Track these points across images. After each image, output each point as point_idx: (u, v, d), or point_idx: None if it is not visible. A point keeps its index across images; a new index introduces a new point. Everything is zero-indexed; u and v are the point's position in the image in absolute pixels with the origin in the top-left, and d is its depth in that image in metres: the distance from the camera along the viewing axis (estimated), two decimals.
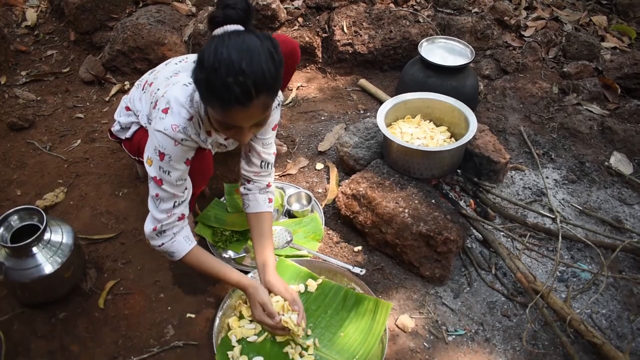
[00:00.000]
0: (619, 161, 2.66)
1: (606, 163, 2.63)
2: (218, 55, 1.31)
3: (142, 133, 1.96)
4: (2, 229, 1.78)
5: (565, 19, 3.67)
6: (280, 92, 1.77)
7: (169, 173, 1.59)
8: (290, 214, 2.24)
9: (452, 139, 2.27)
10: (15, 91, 2.95)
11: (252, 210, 1.90)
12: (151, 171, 1.61)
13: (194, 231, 2.14)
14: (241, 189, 1.96)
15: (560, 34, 3.49)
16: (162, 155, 1.56)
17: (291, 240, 2.05)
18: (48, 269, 1.77)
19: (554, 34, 3.46)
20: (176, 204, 1.66)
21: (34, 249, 1.77)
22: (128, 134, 2.00)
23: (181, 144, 1.57)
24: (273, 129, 1.88)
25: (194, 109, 1.59)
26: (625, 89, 3.12)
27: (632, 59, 3.12)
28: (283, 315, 1.68)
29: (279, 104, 1.85)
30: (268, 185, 1.95)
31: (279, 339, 1.74)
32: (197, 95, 1.58)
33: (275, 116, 1.86)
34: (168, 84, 1.68)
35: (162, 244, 1.67)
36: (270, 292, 1.74)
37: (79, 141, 2.64)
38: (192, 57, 1.85)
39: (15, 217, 1.82)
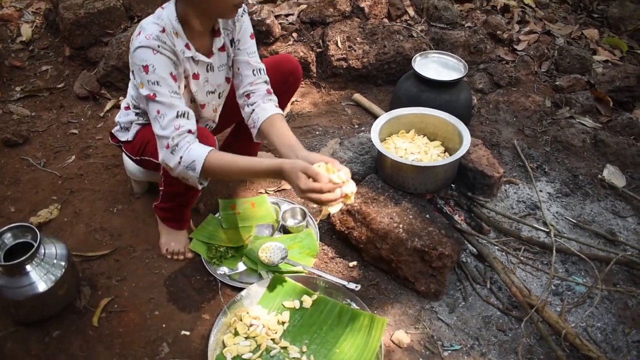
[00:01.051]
0: (612, 174, 2.67)
1: (599, 176, 2.64)
2: None
3: (143, 132, 1.97)
4: None
5: (557, 32, 3.71)
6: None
7: (158, 84, 1.63)
8: (285, 230, 2.24)
9: (446, 153, 2.28)
10: (9, 107, 2.95)
11: (263, 118, 1.88)
12: (144, 91, 1.65)
13: (188, 247, 2.14)
14: (245, 110, 1.95)
15: (552, 47, 3.53)
16: (145, 68, 1.62)
17: (286, 256, 2.05)
18: (42, 286, 1.76)
19: (547, 47, 3.49)
20: (179, 114, 1.65)
21: (28, 267, 1.76)
22: (129, 136, 2.01)
23: (159, 51, 1.62)
24: (251, 38, 1.95)
25: (164, 22, 1.67)
26: (618, 102, 3.15)
27: (624, 72, 3.15)
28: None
29: (245, 11, 1.91)
30: (268, 92, 1.96)
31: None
32: (165, 12, 1.69)
33: (247, 23, 1.93)
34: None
35: (180, 157, 1.63)
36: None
37: (73, 157, 2.64)
38: None
39: (9, 234, 1.81)
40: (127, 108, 2.03)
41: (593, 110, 3.08)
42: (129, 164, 2.17)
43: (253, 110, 1.92)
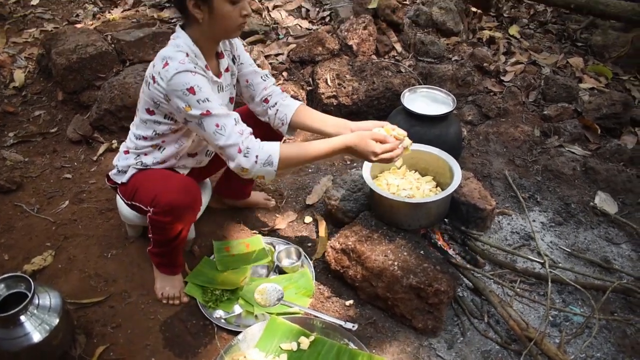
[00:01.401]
0: (603, 201, 2.70)
1: (591, 203, 2.66)
2: None
3: (137, 177, 1.99)
4: None
5: (543, 62, 3.78)
6: None
7: (208, 100, 1.70)
8: (280, 270, 2.23)
9: (438, 188, 2.30)
10: (2, 153, 2.95)
11: (291, 112, 2.02)
12: (196, 113, 1.70)
13: (184, 292, 2.13)
14: (269, 112, 2.06)
15: (539, 77, 3.59)
16: (191, 90, 1.68)
17: (282, 297, 2.04)
18: (37, 337, 1.74)
19: (533, 77, 3.56)
20: (236, 120, 1.75)
21: (22, 318, 1.74)
22: (124, 179, 2.02)
23: (196, 72, 1.70)
24: (245, 50, 2.09)
25: (184, 49, 1.74)
26: (605, 129, 3.19)
27: (609, 99, 3.21)
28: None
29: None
30: (282, 90, 2.10)
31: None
32: (180, 40, 1.76)
33: (237, 40, 2.04)
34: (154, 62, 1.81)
35: (256, 156, 1.72)
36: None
37: (67, 202, 2.64)
38: None
39: (2, 285, 1.80)
40: (127, 152, 2.04)
41: (582, 138, 3.12)
42: (123, 207, 2.18)
43: (277, 110, 2.05)
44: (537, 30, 4.30)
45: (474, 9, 4.13)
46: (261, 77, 2.06)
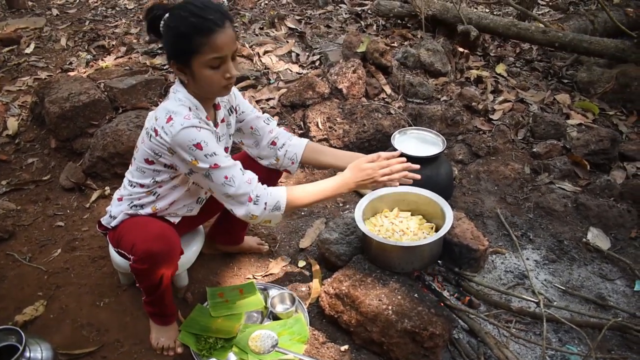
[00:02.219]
0: (596, 237, 2.71)
1: (584, 239, 2.68)
2: (181, 10, 1.67)
3: (125, 224, 1.99)
4: None
5: (531, 99, 3.85)
6: None
7: (215, 154, 1.73)
8: (274, 316, 2.21)
9: (432, 229, 2.31)
10: None
11: (300, 151, 2.12)
12: (204, 166, 1.73)
13: (177, 339, 2.10)
14: (278, 153, 2.13)
15: (527, 115, 3.65)
16: (198, 146, 1.71)
17: (276, 344, 2.02)
18: None
19: (521, 115, 3.61)
20: (242, 170, 1.81)
21: None
22: (114, 223, 2.02)
23: (201, 127, 1.73)
24: (244, 97, 2.15)
25: (185, 103, 1.78)
26: (594, 165, 3.23)
27: (597, 135, 3.25)
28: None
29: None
30: (286, 130, 2.17)
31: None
32: (179, 95, 1.79)
33: (235, 90, 2.09)
34: (155, 114, 1.84)
35: (265, 203, 1.80)
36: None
37: (59, 250, 2.63)
38: None
39: None
40: (120, 199, 2.04)
41: (571, 174, 3.15)
42: (114, 254, 2.17)
43: (286, 150, 2.12)
44: (524, 68, 4.39)
45: (460, 49, 4.21)
46: (264, 121, 2.13)
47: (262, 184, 1.86)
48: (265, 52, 3.85)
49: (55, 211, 2.94)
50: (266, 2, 5.39)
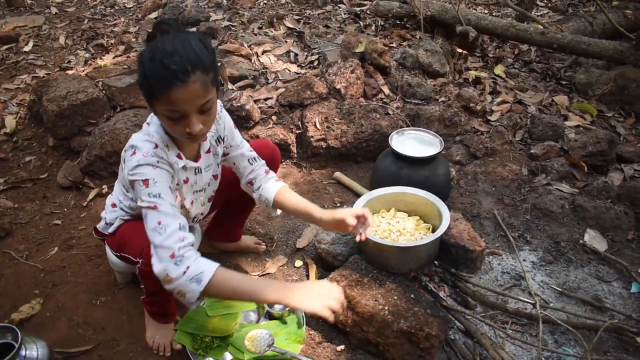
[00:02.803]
0: (593, 238, 2.71)
1: (581, 241, 2.68)
2: (153, 49, 1.50)
3: (124, 228, 1.98)
4: None
5: (529, 101, 3.85)
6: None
7: (159, 196, 1.63)
8: (270, 316, 2.22)
9: (429, 230, 2.31)
10: None
11: (270, 197, 2.05)
12: (144, 203, 1.63)
13: (173, 339, 2.10)
14: (255, 197, 2.10)
15: (525, 116, 3.65)
16: (146, 182, 1.63)
17: (272, 343, 2.02)
18: None
19: (519, 116, 3.62)
20: (181, 225, 1.62)
21: None
22: (111, 229, 2.02)
23: (158, 166, 1.65)
24: (235, 129, 2.05)
25: (154, 138, 1.69)
26: (592, 167, 3.23)
27: (595, 137, 3.25)
28: None
29: (221, 106, 1.99)
30: (266, 172, 2.10)
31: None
32: (151, 128, 1.72)
33: (226, 117, 2.01)
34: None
35: (187, 267, 1.56)
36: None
37: (56, 249, 2.63)
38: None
39: None
40: (114, 205, 2.04)
41: (569, 175, 3.15)
42: (112, 255, 2.17)
43: (260, 194, 2.07)
44: (522, 69, 4.40)
45: (459, 50, 4.21)
46: (248, 160, 2.06)
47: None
48: (264, 52, 3.85)
49: (52, 209, 2.93)
50: (265, 1, 5.39)
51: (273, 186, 2.06)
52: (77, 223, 2.82)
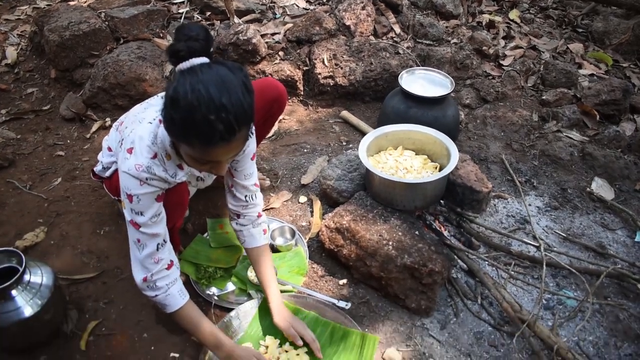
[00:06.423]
0: (600, 187, 2.69)
1: (588, 189, 2.65)
2: (196, 93, 1.28)
3: None
4: None
5: (543, 47, 3.76)
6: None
7: (141, 214, 1.58)
8: (274, 249, 2.22)
9: (437, 169, 2.28)
10: None
11: (250, 246, 1.94)
12: (126, 214, 1.61)
13: None
14: (233, 225, 1.96)
15: (538, 62, 3.57)
16: (130, 198, 1.56)
17: (275, 275, 2.03)
18: (28, 311, 1.73)
19: (532, 62, 3.53)
20: (159, 245, 1.64)
21: (13, 292, 1.73)
22: (108, 173, 1.99)
23: (147, 183, 1.55)
24: (252, 159, 1.88)
25: (157, 146, 1.57)
26: (604, 115, 3.18)
27: (609, 85, 3.18)
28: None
29: (251, 132, 1.80)
30: (259, 216, 1.96)
31: None
32: (160, 131, 1.56)
33: (252, 146, 1.84)
34: (135, 120, 1.68)
35: (156, 295, 1.66)
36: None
37: (59, 179, 2.62)
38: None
39: None
40: (110, 149, 1.98)
41: (580, 123, 3.10)
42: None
43: (242, 230, 1.94)
44: (538, 15, 4.27)
45: None
46: (246, 196, 1.92)
47: None
48: None
49: (55, 141, 2.91)
50: None
51: (259, 237, 1.94)
52: (80, 155, 2.80)
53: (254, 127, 1.77)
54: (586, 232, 2.43)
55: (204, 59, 1.37)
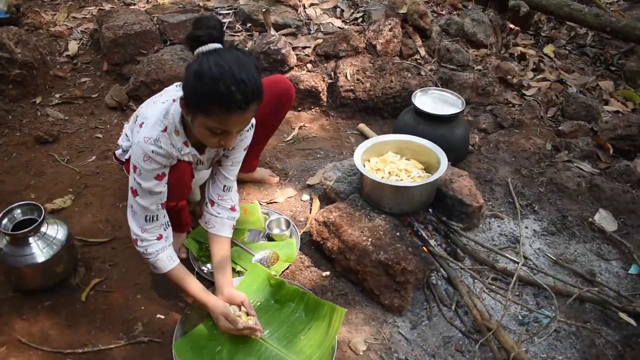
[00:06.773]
0: (603, 218, 2.68)
1: (590, 219, 2.65)
2: (219, 67, 1.53)
3: None
4: (6, 219, 2.03)
5: (572, 82, 3.79)
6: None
7: (139, 185, 1.80)
8: (270, 238, 2.40)
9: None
10: (47, 110, 3.27)
11: (216, 232, 2.08)
12: (130, 181, 1.84)
13: (183, 243, 2.32)
14: (210, 209, 2.09)
15: (562, 95, 3.60)
16: (135, 168, 1.79)
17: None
18: (40, 258, 1.99)
19: (556, 94, 3.58)
20: (147, 218, 1.86)
21: (31, 239, 2.00)
22: (127, 156, 2.16)
23: (151, 157, 1.75)
24: (245, 150, 2.09)
25: (168, 121, 1.78)
26: (619, 150, 3.17)
27: (626, 121, 3.20)
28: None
29: (252, 126, 2.04)
30: (232, 209, 2.12)
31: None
32: (173, 108, 1.78)
33: (249, 137, 2.06)
34: (150, 102, 1.93)
35: (147, 258, 1.91)
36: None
37: (94, 157, 2.92)
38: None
39: (19, 210, 2.07)
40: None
41: (593, 156, 3.10)
42: None
43: (215, 217, 2.09)
44: (574, 52, 4.30)
45: (511, 26, 4.18)
46: (224, 187, 2.10)
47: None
48: (312, 4, 3.97)
49: (97, 125, 3.23)
50: None
51: (226, 229, 2.09)
52: (116, 138, 3.06)
53: (254, 120, 1.98)
54: (579, 259, 2.45)
55: (218, 45, 1.64)
